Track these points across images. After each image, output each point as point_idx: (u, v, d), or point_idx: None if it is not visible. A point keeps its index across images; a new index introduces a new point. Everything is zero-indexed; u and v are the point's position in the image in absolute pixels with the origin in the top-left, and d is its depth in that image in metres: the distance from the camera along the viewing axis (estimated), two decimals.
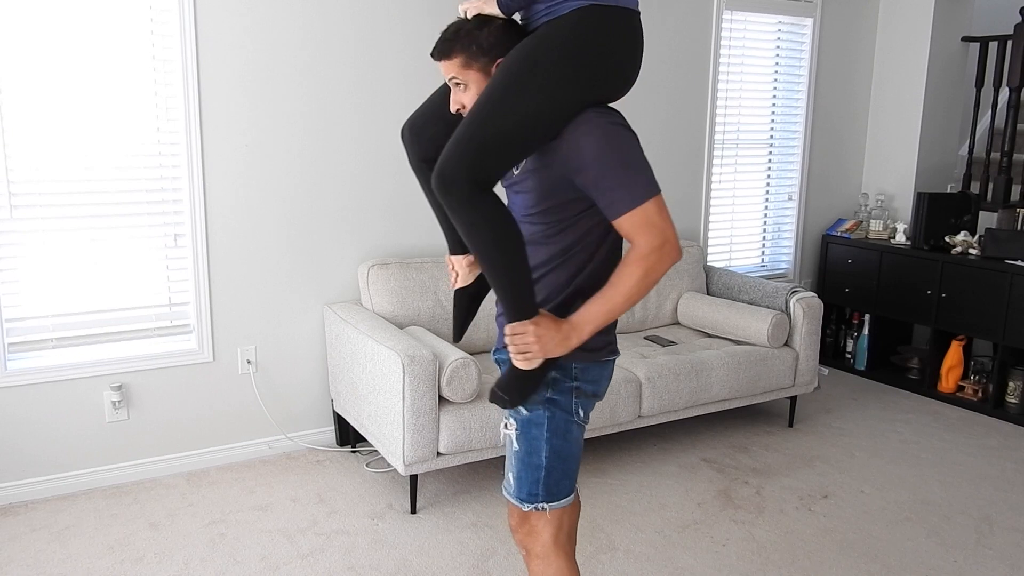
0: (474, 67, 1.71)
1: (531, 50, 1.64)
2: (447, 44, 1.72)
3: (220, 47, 3.21)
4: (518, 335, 1.69)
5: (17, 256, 3.04)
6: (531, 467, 1.81)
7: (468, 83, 1.72)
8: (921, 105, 4.81)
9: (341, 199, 3.54)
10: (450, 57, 1.71)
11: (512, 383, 1.75)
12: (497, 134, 1.61)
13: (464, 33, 1.71)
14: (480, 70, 1.71)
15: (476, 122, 1.62)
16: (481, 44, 1.70)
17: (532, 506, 1.82)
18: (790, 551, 2.86)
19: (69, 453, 3.20)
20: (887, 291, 4.64)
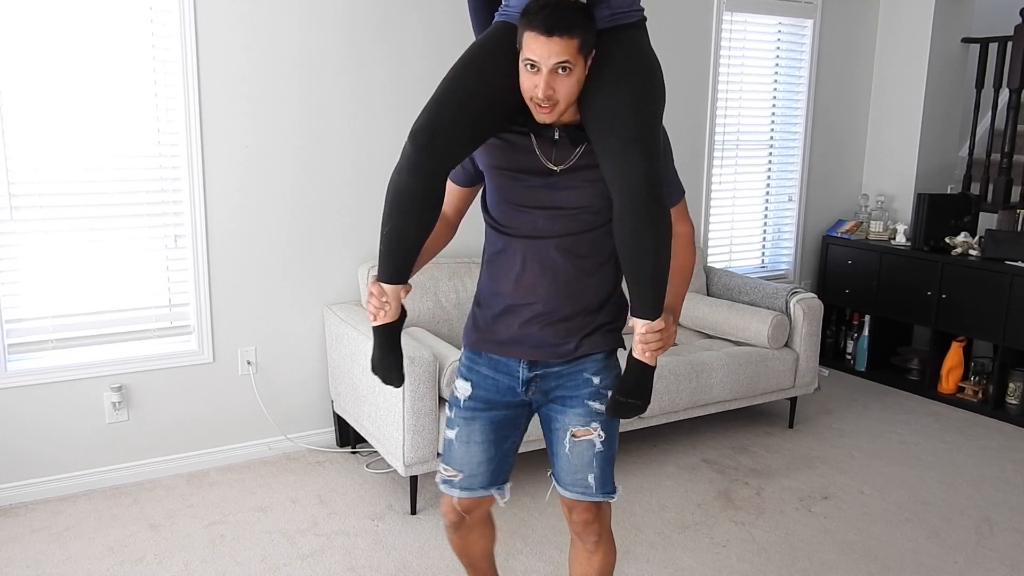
0: (583, 53, 1.64)
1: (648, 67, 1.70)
2: (572, 20, 1.60)
3: (220, 48, 3.21)
4: (662, 330, 1.76)
5: (17, 257, 3.04)
6: (610, 460, 1.93)
7: (574, 69, 1.64)
8: (921, 106, 4.81)
9: (341, 200, 3.54)
10: (572, 36, 1.61)
11: (644, 384, 1.82)
12: (656, 122, 1.70)
13: (580, 13, 1.63)
14: (586, 58, 1.66)
15: (652, 124, 1.67)
16: (594, 35, 1.66)
17: (615, 495, 1.93)
18: (790, 552, 2.86)
19: (69, 454, 3.19)
20: (887, 292, 4.64)
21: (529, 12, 1.64)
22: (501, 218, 1.86)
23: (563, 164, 1.78)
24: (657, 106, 1.71)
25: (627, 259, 1.71)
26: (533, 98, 1.67)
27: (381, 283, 1.79)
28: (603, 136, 1.66)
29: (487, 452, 1.95)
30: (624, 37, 1.71)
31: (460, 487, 1.96)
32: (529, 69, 1.65)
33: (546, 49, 1.61)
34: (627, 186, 1.63)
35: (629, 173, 1.62)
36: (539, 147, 1.78)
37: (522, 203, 1.82)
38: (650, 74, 1.71)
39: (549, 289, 1.84)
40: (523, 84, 1.68)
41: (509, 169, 1.82)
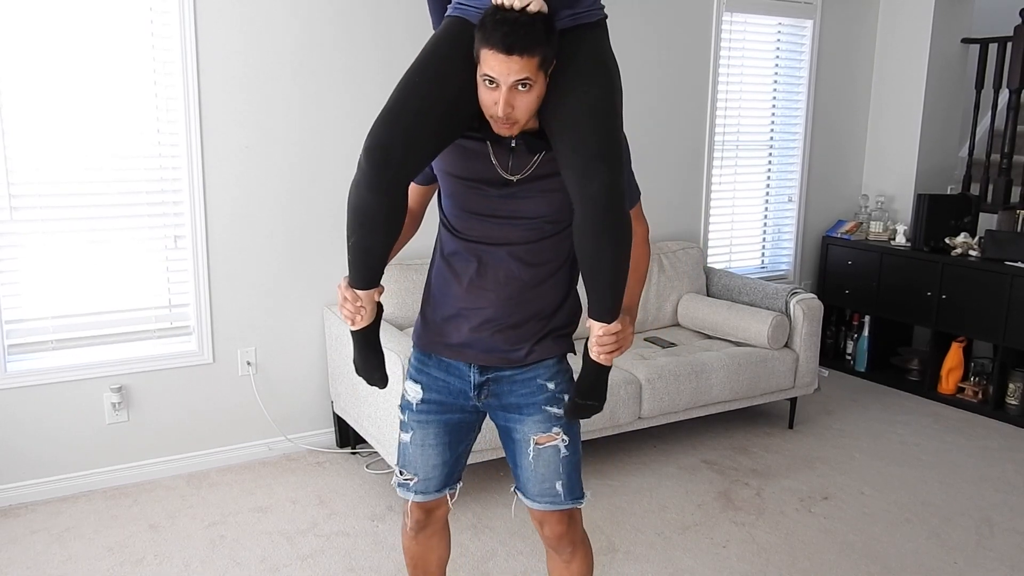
0: (544, 68, 1.59)
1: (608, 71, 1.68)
2: (532, 38, 1.54)
3: (220, 49, 3.21)
4: (619, 332, 1.73)
5: (17, 257, 3.04)
6: (576, 465, 1.91)
7: (534, 85, 1.59)
8: (921, 107, 4.81)
9: (341, 200, 3.53)
10: (532, 54, 1.55)
11: (600, 385, 1.80)
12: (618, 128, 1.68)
13: (540, 29, 1.57)
14: (547, 72, 1.61)
15: (616, 137, 1.65)
16: (554, 48, 1.61)
17: (583, 501, 1.93)
18: (790, 553, 2.86)
19: (69, 455, 3.19)
20: (887, 292, 4.64)
21: (486, 27, 1.57)
22: (456, 222, 1.84)
23: (520, 174, 1.74)
24: (618, 111, 1.68)
25: (587, 267, 1.69)
26: (493, 115, 1.62)
27: (353, 289, 1.77)
28: (566, 147, 1.62)
29: (442, 455, 1.94)
30: (586, 38, 1.67)
31: (416, 490, 1.95)
32: (488, 85, 1.59)
33: (505, 67, 1.55)
34: (590, 199, 1.59)
35: (593, 187, 1.59)
36: (495, 155, 1.74)
37: (477, 211, 1.79)
38: (611, 77, 1.68)
39: (501, 295, 1.81)
40: (482, 99, 1.63)
41: (464, 177, 1.78)
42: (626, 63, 4.40)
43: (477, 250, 1.81)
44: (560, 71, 1.64)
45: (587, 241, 1.65)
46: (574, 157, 1.60)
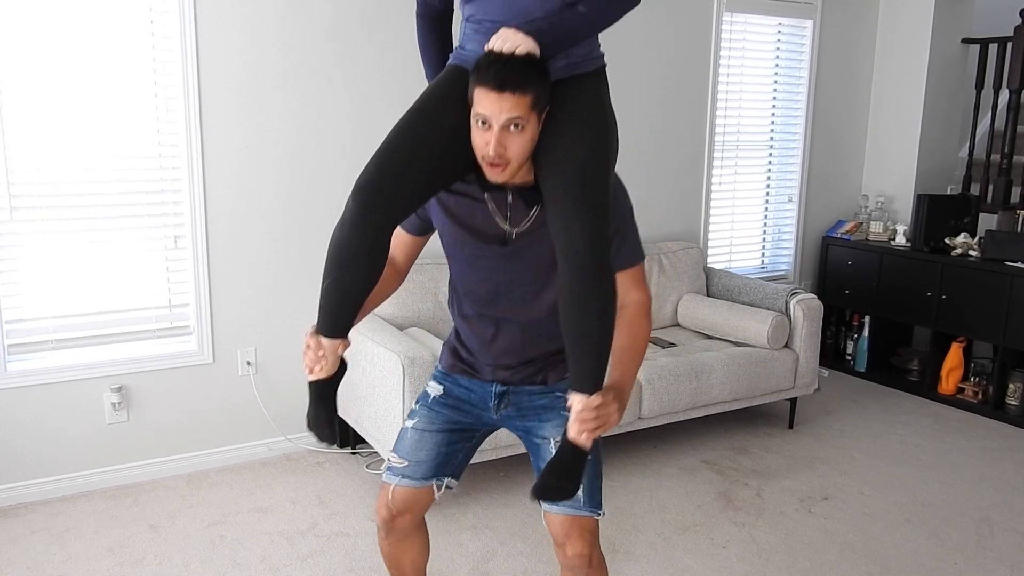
0: (537, 110, 1.59)
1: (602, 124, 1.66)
2: (524, 77, 1.55)
3: (220, 49, 3.21)
4: (600, 407, 1.60)
5: (17, 257, 3.04)
6: (596, 473, 1.88)
7: (527, 126, 1.58)
8: (921, 107, 4.81)
9: (340, 200, 3.52)
10: (525, 92, 1.55)
11: (576, 468, 1.64)
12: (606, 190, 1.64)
13: (533, 68, 1.56)
14: (540, 115, 1.61)
15: (605, 193, 1.61)
16: (547, 90, 1.60)
17: (601, 512, 1.88)
18: (790, 553, 2.86)
19: (69, 455, 3.19)
20: (887, 293, 4.64)
21: (480, 67, 1.58)
22: (468, 296, 1.90)
23: (519, 227, 1.76)
24: (611, 167, 1.66)
25: (568, 328, 1.62)
26: (484, 156, 1.61)
27: (319, 335, 1.74)
28: (553, 201, 1.60)
29: (437, 446, 1.96)
30: (581, 88, 1.66)
31: (402, 474, 1.96)
32: (480, 125, 1.59)
33: (497, 105, 1.55)
34: (574, 255, 1.56)
35: (576, 243, 1.56)
36: (494, 207, 1.76)
37: (483, 277, 1.85)
38: (606, 132, 1.65)
39: (520, 353, 1.90)
40: (474, 141, 1.62)
41: (464, 227, 1.80)
42: (626, 63, 4.43)
43: (492, 319, 1.89)
44: (554, 121, 1.63)
45: (569, 300, 1.60)
46: (560, 212, 1.58)
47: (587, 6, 1.64)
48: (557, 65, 1.64)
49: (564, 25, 1.61)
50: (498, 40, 1.58)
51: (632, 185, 4.64)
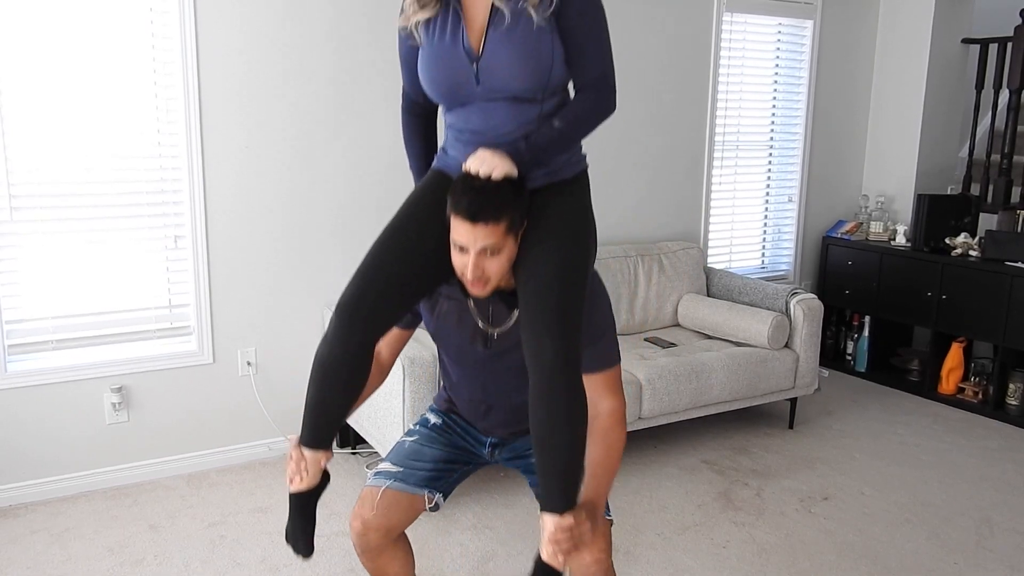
0: (513, 232, 1.62)
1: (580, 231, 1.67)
2: (496, 206, 1.57)
3: (220, 49, 3.21)
4: (573, 527, 1.56)
5: (17, 258, 3.04)
6: None
7: (503, 249, 1.61)
8: (921, 107, 4.81)
9: (340, 200, 3.55)
10: (499, 221, 1.58)
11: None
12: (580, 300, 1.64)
13: (506, 194, 1.59)
14: (516, 235, 1.64)
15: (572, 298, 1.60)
16: (523, 211, 1.63)
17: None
18: (790, 553, 2.86)
19: (69, 455, 3.19)
20: (887, 293, 4.64)
21: (456, 193, 1.61)
22: (457, 385, 1.96)
23: (500, 327, 1.80)
24: (587, 275, 1.68)
25: (538, 444, 1.60)
26: (463, 276, 1.65)
27: (301, 447, 1.74)
28: (526, 313, 1.61)
29: (435, 460, 1.99)
30: (559, 196, 1.68)
31: (395, 478, 1.95)
32: (458, 249, 1.63)
33: (472, 235, 1.58)
34: (542, 370, 1.56)
35: (546, 357, 1.55)
36: (476, 309, 1.81)
37: (470, 373, 1.90)
38: (583, 243, 1.67)
39: (511, 426, 1.97)
40: (454, 261, 1.66)
41: (449, 327, 1.85)
42: (627, 64, 4.42)
43: (482, 402, 1.95)
44: (532, 231, 1.65)
45: (539, 415, 1.58)
46: (532, 327, 1.59)
47: (562, 121, 1.66)
48: (536, 174, 1.67)
49: (540, 142, 1.64)
50: (475, 162, 1.61)
51: (632, 185, 4.66)
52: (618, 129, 4.09)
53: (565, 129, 1.66)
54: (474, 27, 1.63)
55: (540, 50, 1.60)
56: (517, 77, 1.61)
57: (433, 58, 1.67)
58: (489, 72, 1.62)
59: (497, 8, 1.61)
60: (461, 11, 1.64)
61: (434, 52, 1.66)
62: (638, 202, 4.32)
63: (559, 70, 1.64)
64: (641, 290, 4.07)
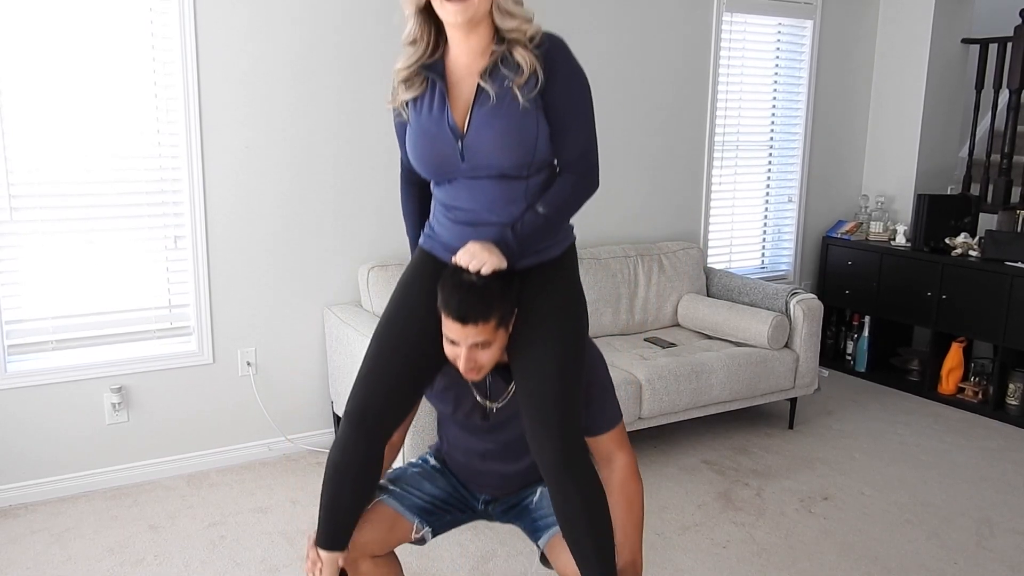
0: (503, 325, 1.67)
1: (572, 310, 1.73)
2: (484, 307, 1.62)
3: (220, 49, 3.21)
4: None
5: (17, 258, 3.04)
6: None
7: (493, 343, 1.67)
8: (921, 107, 4.81)
9: (340, 200, 3.55)
10: (488, 320, 1.63)
11: None
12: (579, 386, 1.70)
13: (494, 292, 1.64)
14: (507, 326, 1.69)
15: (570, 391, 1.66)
16: (512, 302, 1.68)
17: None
18: (790, 553, 2.86)
19: (69, 455, 3.19)
20: (887, 293, 4.64)
21: (445, 290, 1.65)
22: (450, 437, 1.99)
23: (498, 402, 1.83)
24: (582, 350, 1.73)
25: (566, 536, 1.69)
26: (456, 365, 1.70)
27: (318, 548, 1.79)
28: (526, 410, 1.67)
29: (432, 496, 2.00)
30: (548, 275, 1.74)
31: (391, 495, 1.96)
32: (450, 343, 1.68)
33: (461, 334, 1.64)
34: (549, 470, 1.65)
35: (550, 458, 1.63)
36: (474, 386, 1.84)
37: (466, 439, 1.93)
38: (574, 317, 1.73)
39: (504, 489, 2.01)
40: (446, 350, 1.71)
41: (449, 402, 1.89)
42: (626, 64, 4.42)
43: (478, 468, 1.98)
44: (525, 314, 1.70)
45: (557, 508, 1.67)
46: (533, 427, 1.66)
47: (546, 207, 1.70)
48: (525, 255, 1.71)
49: (527, 230, 1.69)
50: (464, 257, 1.65)
51: (632, 185, 4.66)
52: (618, 129, 4.09)
53: (549, 214, 1.71)
54: (459, 105, 1.68)
55: (525, 128, 1.64)
56: (502, 155, 1.65)
57: (419, 135, 1.71)
58: (474, 150, 1.66)
59: (482, 87, 1.64)
60: (446, 89, 1.68)
61: (420, 129, 1.71)
62: (638, 202, 4.32)
63: (544, 147, 1.68)
64: (641, 290, 4.07)
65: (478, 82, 1.66)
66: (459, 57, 1.69)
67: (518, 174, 1.68)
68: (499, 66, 1.65)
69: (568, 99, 1.67)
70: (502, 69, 1.65)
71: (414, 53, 1.70)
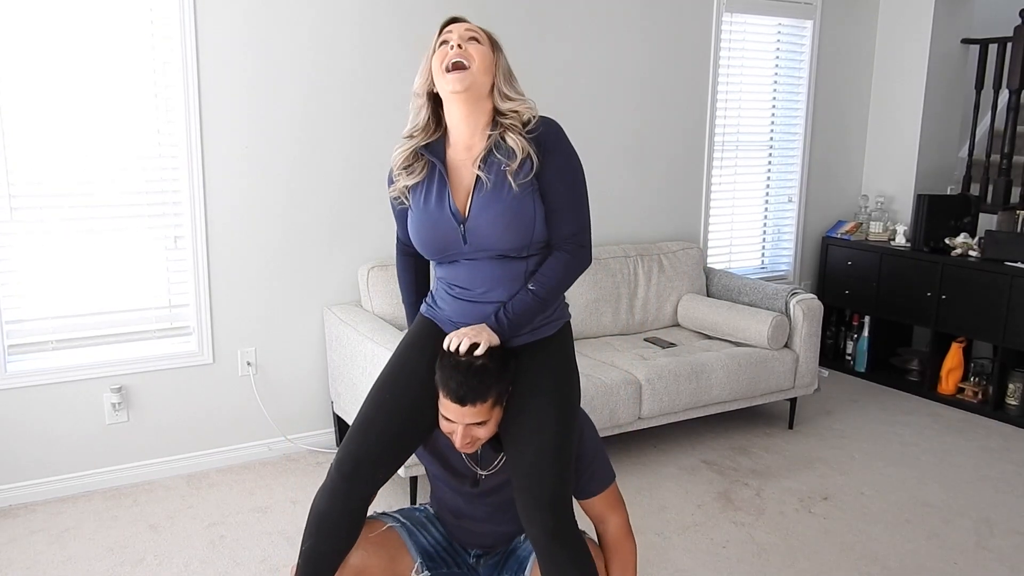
0: (499, 403, 1.71)
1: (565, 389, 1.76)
2: (482, 388, 1.66)
3: (220, 50, 3.21)
4: None
5: (17, 258, 3.04)
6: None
7: (489, 421, 1.71)
8: (921, 107, 4.81)
9: (340, 201, 3.55)
10: (486, 400, 1.67)
11: None
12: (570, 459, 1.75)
13: (491, 373, 1.68)
14: (502, 403, 1.73)
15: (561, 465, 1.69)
16: (509, 381, 1.72)
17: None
18: (790, 553, 2.86)
19: (69, 455, 3.19)
20: (887, 293, 4.64)
21: (442, 370, 1.69)
22: (439, 493, 2.01)
23: (488, 469, 1.86)
24: (572, 437, 1.75)
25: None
26: (452, 439, 1.74)
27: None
28: (519, 486, 1.71)
29: (436, 540, 2.04)
30: (542, 354, 1.78)
31: (403, 527, 1.99)
32: (445, 419, 1.71)
33: (459, 414, 1.67)
34: (541, 544, 1.68)
35: (542, 532, 1.67)
36: (465, 454, 1.86)
37: (455, 499, 1.95)
38: (566, 398, 1.76)
39: (489, 547, 2.04)
40: (441, 425, 1.74)
41: (439, 466, 1.91)
42: (626, 64, 4.41)
43: (465, 528, 2.00)
44: (520, 392, 1.74)
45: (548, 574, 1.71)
46: (526, 502, 1.69)
47: (537, 285, 1.75)
48: (520, 334, 1.76)
49: (518, 308, 1.73)
50: (455, 339, 1.70)
51: (632, 185, 4.66)
52: (618, 129, 4.09)
53: (540, 292, 1.75)
54: (459, 190, 1.74)
55: (523, 211, 1.70)
56: (502, 236, 1.71)
57: (422, 221, 1.77)
58: (476, 233, 1.72)
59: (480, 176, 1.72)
60: (446, 176, 1.74)
61: (423, 215, 1.77)
62: (638, 202, 4.32)
63: (541, 227, 1.75)
64: (641, 290, 4.07)
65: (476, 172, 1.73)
66: (458, 140, 1.76)
67: (518, 255, 1.75)
68: (493, 152, 1.72)
69: (561, 181, 1.73)
70: (496, 155, 1.72)
71: (415, 140, 1.79)
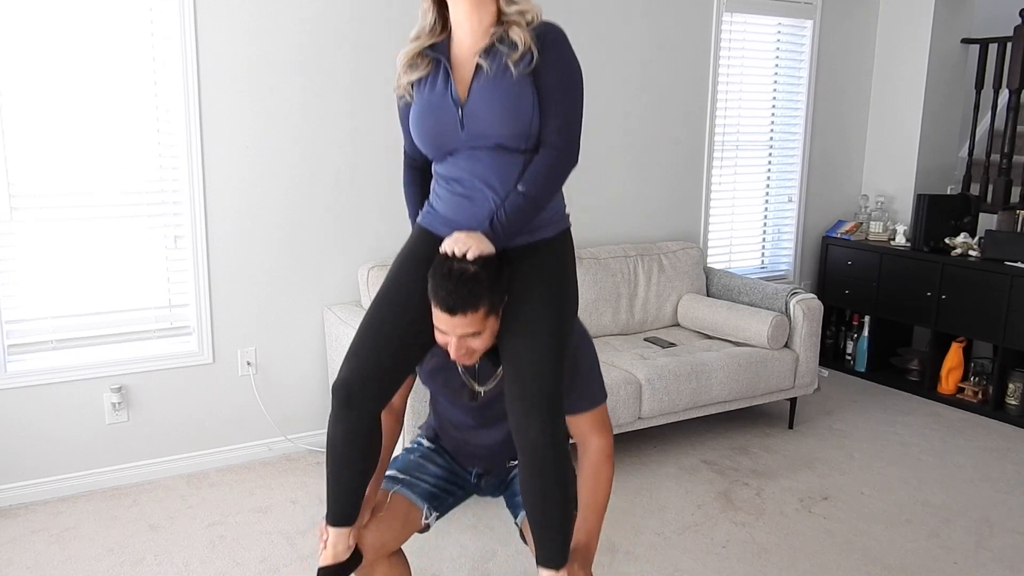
0: (493, 313, 1.69)
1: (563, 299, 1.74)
2: (473, 297, 1.64)
3: (220, 49, 3.21)
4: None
5: (17, 258, 3.04)
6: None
7: (483, 332, 1.69)
8: (921, 107, 4.81)
9: (340, 200, 3.54)
10: (477, 310, 1.65)
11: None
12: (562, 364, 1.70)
13: (483, 282, 1.65)
14: (497, 314, 1.71)
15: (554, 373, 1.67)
16: (502, 291, 1.70)
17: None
18: (790, 553, 2.86)
19: (69, 455, 3.19)
20: (887, 293, 4.64)
21: (434, 279, 1.67)
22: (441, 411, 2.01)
23: (487, 384, 1.86)
24: (567, 343, 1.74)
25: (531, 511, 1.71)
26: (447, 351, 1.72)
27: (328, 524, 1.79)
28: (509, 390, 1.69)
29: (436, 477, 2.03)
30: (540, 257, 1.76)
31: (403, 484, 1.98)
32: (440, 332, 1.70)
33: (450, 324, 1.66)
34: (528, 446, 1.66)
35: (531, 434, 1.65)
36: (463, 367, 1.86)
37: (456, 416, 1.95)
38: (564, 308, 1.74)
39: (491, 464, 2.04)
40: (437, 338, 1.73)
41: (438, 383, 1.91)
42: (626, 64, 4.41)
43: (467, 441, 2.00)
44: (514, 298, 1.72)
45: (531, 487, 1.69)
46: (515, 403, 1.67)
47: (526, 184, 1.73)
48: (513, 238, 1.74)
49: (509, 211, 1.71)
50: (450, 243, 1.68)
51: (632, 185, 4.65)
52: (618, 129, 4.09)
53: (529, 192, 1.73)
54: (462, 80, 1.74)
55: (521, 99, 1.70)
56: (500, 124, 1.70)
57: (423, 109, 1.77)
58: (473, 116, 1.71)
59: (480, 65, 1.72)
60: (450, 67, 1.75)
61: (424, 103, 1.77)
62: (638, 202, 4.31)
63: (539, 121, 1.73)
64: (641, 290, 4.07)
65: (477, 60, 1.73)
66: (463, 39, 1.77)
67: (516, 147, 1.73)
68: (496, 45, 1.73)
69: (557, 76, 1.72)
70: (498, 47, 1.72)
71: (420, 41, 1.80)
